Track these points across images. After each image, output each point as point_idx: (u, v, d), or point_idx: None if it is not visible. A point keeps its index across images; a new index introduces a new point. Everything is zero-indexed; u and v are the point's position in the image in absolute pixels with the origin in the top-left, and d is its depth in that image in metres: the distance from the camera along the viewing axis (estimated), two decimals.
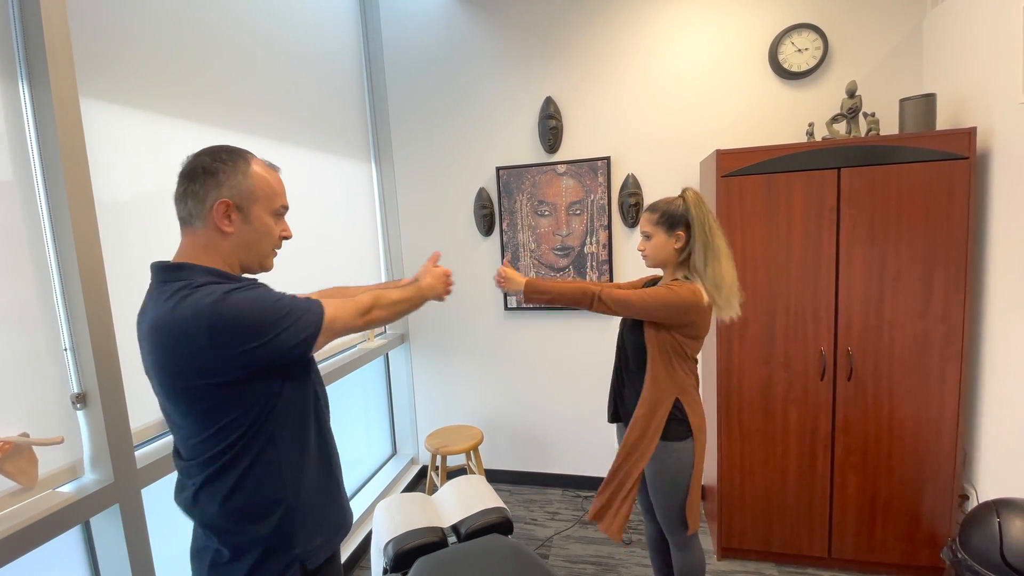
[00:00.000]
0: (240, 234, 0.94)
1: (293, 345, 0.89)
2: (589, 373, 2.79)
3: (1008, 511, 1.50)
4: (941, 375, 1.99)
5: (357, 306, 1.01)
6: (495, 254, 2.83)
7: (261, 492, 0.93)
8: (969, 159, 1.87)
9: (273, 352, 0.87)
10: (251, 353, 0.85)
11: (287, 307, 0.90)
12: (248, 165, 0.94)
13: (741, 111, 2.46)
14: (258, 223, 0.96)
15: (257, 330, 0.85)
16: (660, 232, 1.56)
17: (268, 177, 0.97)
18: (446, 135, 2.82)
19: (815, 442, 2.14)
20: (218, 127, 1.78)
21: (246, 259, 0.97)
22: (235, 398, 0.88)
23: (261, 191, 0.95)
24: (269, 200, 0.97)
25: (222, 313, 0.83)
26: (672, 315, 1.50)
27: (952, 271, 1.93)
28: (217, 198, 0.91)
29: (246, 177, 0.93)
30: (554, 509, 2.75)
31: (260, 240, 0.97)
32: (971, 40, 1.95)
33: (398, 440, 3.17)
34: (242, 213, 0.93)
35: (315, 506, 1.00)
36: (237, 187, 0.92)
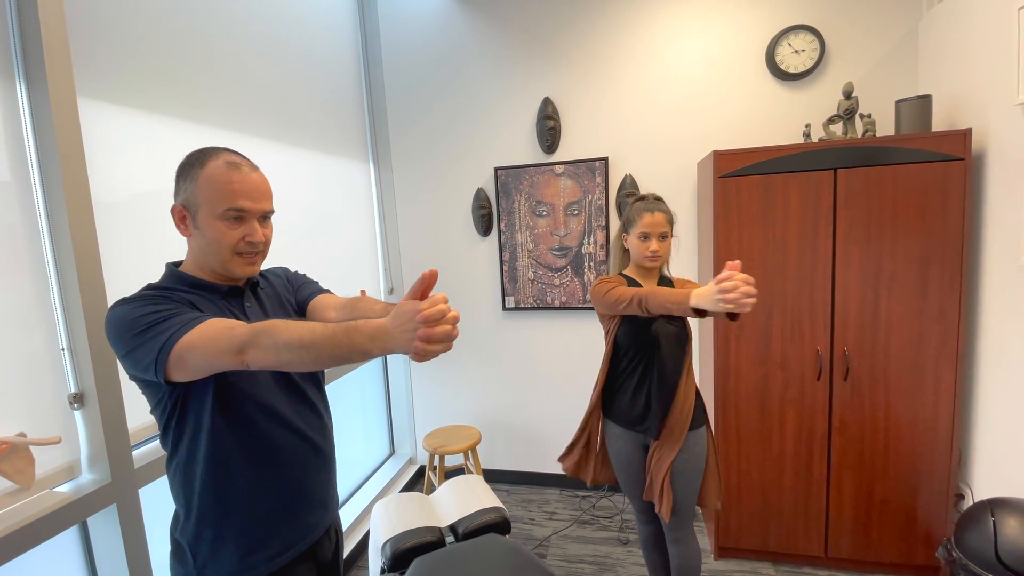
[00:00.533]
0: (196, 239, 0.96)
1: (143, 368, 0.84)
2: (587, 373, 2.80)
3: (1002, 510, 1.51)
4: (936, 375, 2.00)
5: (230, 341, 0.79)
6: (493, 254, 2.83)
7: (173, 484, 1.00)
8: (964, 160, 1.88)
9: (133, 365, 0.87)
10: (123, 362, 0.88)
11: (143, 326, 0.84)
12: (201, 168, 0.92)
13: (738, 112, 2.46)
14: (205, 228, 0.93)
15: (117, 344, 0.87)
16: (671, 232, 1.65)
17: (214, 180, 0.90)
18: (444, 135, 2.82)
19: (812, 442, 2.14)
20: (216, 127, 1.78)
21: (206, 263, 0.97)
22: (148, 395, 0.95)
23: (203, 195, 0.91)
24: (212, 204, 0.91)
25: (107, 320, 0.88)
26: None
27: (947, 272, 1.94)
28: (174, 202, 0.95)
29: (193, 181, 0.92)
30: (552, 509, 2.75)
31: (211, 246, 0.94)
32: (966, 42, 1.96)
33: (396, 440, 3.17)
34: (194, 219, 0.94)
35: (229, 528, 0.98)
36: (187, 192, 0.93)
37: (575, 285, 2.69)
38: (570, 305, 2.72)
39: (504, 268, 2.77)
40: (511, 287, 2.78)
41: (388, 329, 0.73)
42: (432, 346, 0.71)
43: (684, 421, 1.63)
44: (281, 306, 1.11)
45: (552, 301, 2.73)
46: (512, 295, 2.78)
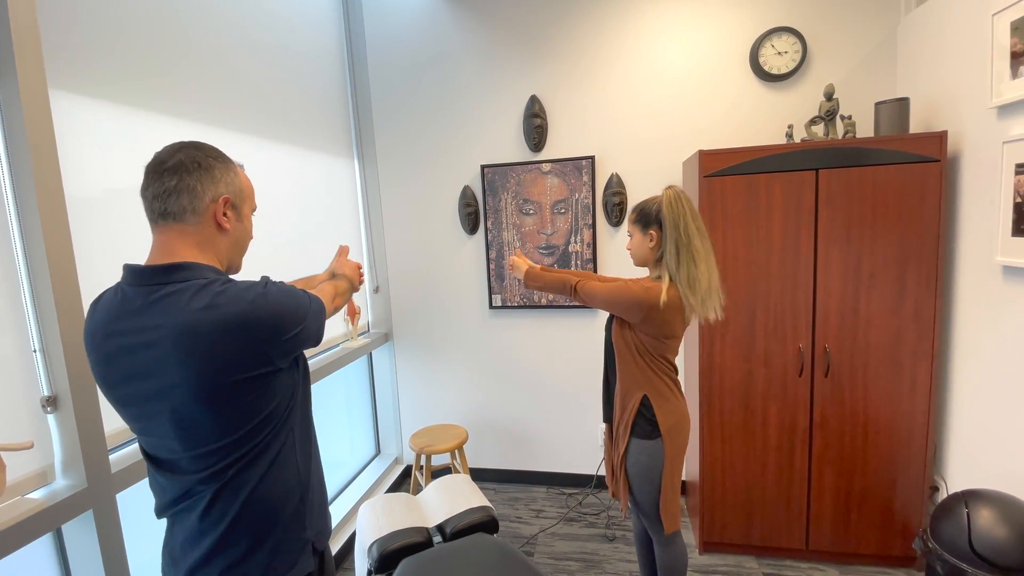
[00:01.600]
0: (234, 232, 0.96)
1: (315, 331, 0.97)
2: (574, 371, 2.81)
3: (976, 502, 1.56)
4: (913, 371, 2.05)
5: (327, 296, 1.11)
6: (480, 253, 2.82)
7: (284, 479, 0.96)
8: (940, 162, 1.93)
9: (303, 341, 0.94)
10: (290, 342, 0.91)
11: (307, 298, 0.97)
12: (234, 164, 0.97)
13: (723, 112, 2.49)
14: (247, 222, 1.00)
15: (294, 320, 0.91)
16: (636, 231, 1.58)
17: (246, 177, 1.01)
18: (430, 132, 2.80)
19: (793, 437, 2.18)
20: (196, 122, 1.73)
21: (235, 257, 0.99)
22: (274, 388, 0.91)
23: (248, 191, 0.99)
24: (251, 200, 1.01)
25: (268, 306, 0.87)
26: (622, 310, 1.53)
27: (924, 271, 1.99)
28: (217, 194, 0.90)
29: (237, 176, 0.96)
30: (539, 507, 2.75)
31: (245, 239, 1.00)
32: (942, 46, 2.01)
33: (382, 440, 3.14)
34: (236, 211, 0.96)
35: (318, 491, 1.05)
36: (232, 184, 0.94)
37: None
38: (557, 304, 2.72)
39: (491, 266, 2.76)
40: (498, 285, 2.77)
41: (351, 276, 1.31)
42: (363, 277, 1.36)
43: (624, 423, 1.61)
44: None
45: (539, 300, 2.73)
46: (499, 293, 2.77)
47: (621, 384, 1.62)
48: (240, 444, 0.88)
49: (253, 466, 0.91)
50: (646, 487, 1.61)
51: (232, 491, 0.89)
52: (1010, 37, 1.62)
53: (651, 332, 1.53)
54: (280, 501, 0.95)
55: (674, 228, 1.48)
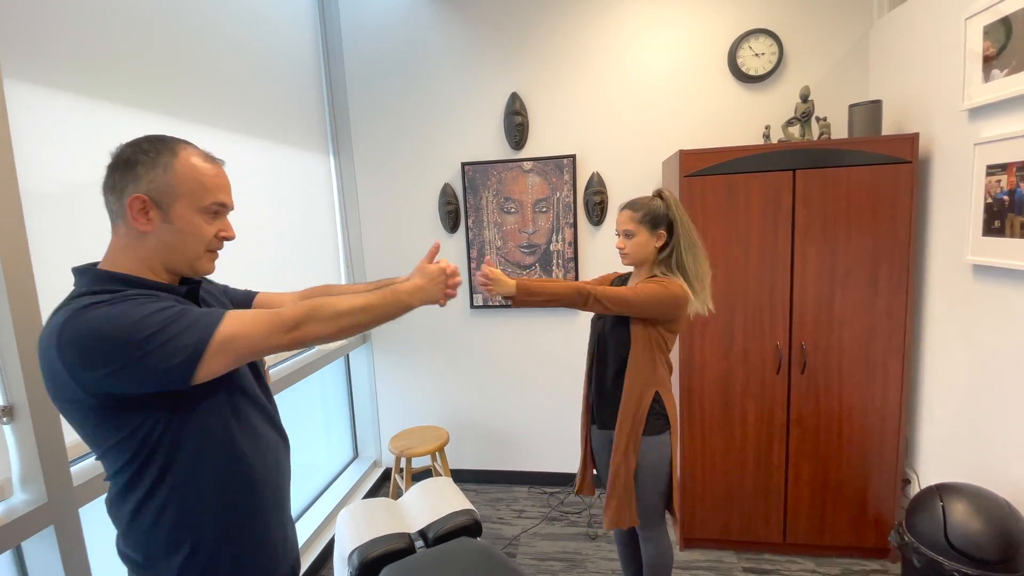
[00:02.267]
0: (160, 234, 0.85)
1: (164, 370, 0.76)
2: (555, 370, 2.80)
3: (950, 495, 1.60)
4: (885, 367, 2.10)
5: (279, 320, 0.84)
6: (461, 251, 2.78)
7: (157, 532, 0.85)
8: (912, 163, 1.98)
9: (137, 379, 0.76)
10: (108, 380, 0.75)
11: (160, 324, 0.76)
12: (172, 157, 0.85)
13: (702, 112, 2.51)
14: (181, 222, 0.86)
15: (111, 352, 0.73)
16: (643, 230, 1.59)
17: (198, 171, 0.87)
18: (409, 129, 2.74)
19: (771, 433, 2.22)
20: (161, 113, 1.66)
21: (171, 261, 0.88)
22: (109, 425, 0.80)
23: (184, 186, 0.85)
24: (196, 196, 0.86)
25: (72, 333, 0.74)
26: (665, 310, 1.54)
27: (896, 269, 2.05)
28: (132, 193, 0.82)
29: (167, 170, 0.84)
30: (520, 507, 2.74)
31: (185, 241, 0.87)
32: (914, 50, 2.06)
33: (360, 443, 3.08)
34: (161, 210, 0.84)
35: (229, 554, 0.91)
36: (156, 181, 0.83)
37: None
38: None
39: (472, 265, 2.73)
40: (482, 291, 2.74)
41: (422, 286, 1.03)
42: (455, 291, 1.11)
43: (636, 423, 1.60)
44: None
45: None
46: (479, 293, 2.74)
47: (635, 383, 1.58)
48: (106, 463, 0.85)
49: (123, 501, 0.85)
50: (655, 484, 1.63)
51: (115, 517, 0.88)
52: (982, 41, 1.67)
53: (673, 328, 1.60)
54: (155, 555, 0.86)
55: (684, 228, 1.58)
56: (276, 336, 0.84)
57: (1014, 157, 1.57)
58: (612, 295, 1.51)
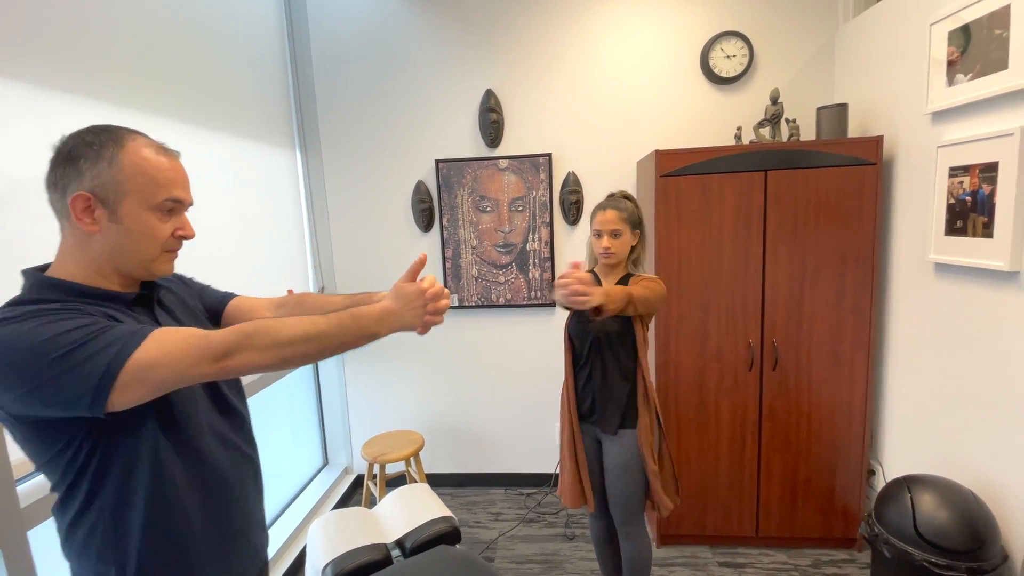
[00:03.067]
0: (108, 235, 0.78)
1: (71, 399, 0.68)
2: (532, 369, 2.77)
3: (918, 487, 1.66)
4: (852, 362, 2.17)
5: (206, 347, 0.74)
6: (435, 251, 2.72)
7: (87, 553, 0.80)
8: (876, 165, 2.04)
9: (45, 403, 0.69)
10: (17, 403, 0.69)
11: (63, 348, 0.67)
12: (119, 149, 0.77)
13: (675, 113, 2.53)
14: (131, 221, 0.78)
15: (15, 376, 0.67)
16: (628, 230, 1.63)
17: (149, 164, 0.79)
18: (380, 124, 2.66)
19: (744, 429, 2.26)
20: (115, 104, 1.54)
21: (122, 264, 0.81)
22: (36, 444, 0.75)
23: (133, 182, 0.77)
24: (147, 193, 0.79)
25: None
26: (660, 306, 1.62)
27: (862, 267, 2.11)
28: (76, 191, 0.75)
29: (112, 164, 0.76)
30: (497, 510, 2.71)
31: (136, 242, 0.79)
32: (879, 54, 2.13)
33: (330, 449, 2.98)
34: (108, 209, 0.77)
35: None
36: (100, 177, 0.76)
37: (520, 282, 2.65)
38: (515, 303, 2.67)
39: (447, 265, 2.67)
40: (454, 284, 2.69)
41: (394, 310, 0.87)
42: (439, 318, 0.91)
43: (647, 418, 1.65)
44: (191, 314, 0.98)
45: (497, 299, 2.68)
46: (455, 293, 2.69)
47: (645, 381, 1.64)
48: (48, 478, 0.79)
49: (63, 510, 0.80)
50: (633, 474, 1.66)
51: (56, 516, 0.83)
52: (947, 46, 1.72)
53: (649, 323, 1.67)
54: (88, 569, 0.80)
55: (645, 228, 1.67)
56: (201, 365, 0.73)
57: (976, 159, 1.64)
58: (640, 297, 1.51)
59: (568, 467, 1.78)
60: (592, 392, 1.72)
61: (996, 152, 1.56)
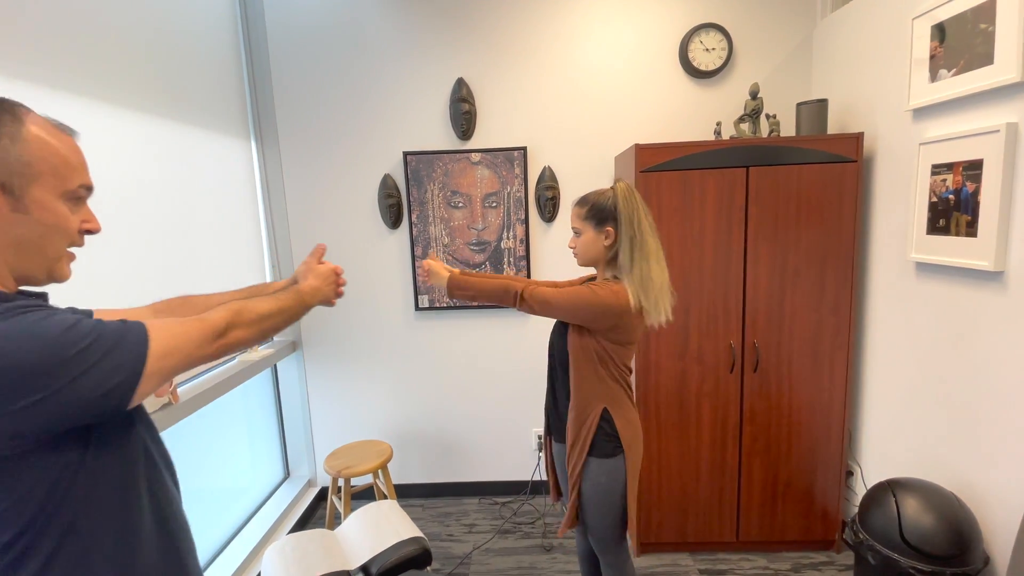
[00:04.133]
0: (10, 228, 0.65)
1: (97, 397, 0.61)
2: (507, 373, 2.66)
3: (903, 492, 1.62)
4: (831, 363, 2.14)
5: (207, 327, 0.74)
6: (404, 249, 2.57)
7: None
8: (857, 162, 2.01)
9: (63, 409, 0.59)
10: (23, 415, 0.57)
11: (84, 339, 0.61)
12: (19, 124, 0.65)
13: (654, 107, 2.45)
14: (40, 211, 0.66)
15: (30, 379, 0.57)
16: (589, 228, 1.45)
17: (55, 143, 0.68)
18: (343, 113, 2.48)
19: (725, 433, 2.20)
20: (39, 84, 1.33)
21: (23, 265, 0.68)
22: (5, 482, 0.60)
23: (44, 163, 0.66)
24: (60, 177, 0.68)
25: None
26: (591, 317, 1.39)
27: (842, 266, 2.08)
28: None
29: (15, 141, 0.64)
30: (471, 521, 2.58)
31: (44, 236, 0.67)
32: (859, 50, 2.09)
33: (291, 461, 2.79)
34: (11, 197, 0.64)
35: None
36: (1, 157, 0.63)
37: None
38: (490, 304, 2.54)
39: (417, 264, 2.52)
40: (425, 285, 2.54)
41: (318, 286, 1.04)
42: (341, 291, 1.13)
43: (582, 442, 1.47)
44: None
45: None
46: (426, 294, 2.55)
47: (578, 398, 1.46)
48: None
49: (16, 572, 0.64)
50: (605, 509, 1.48)
51: None
52: (930, 41, 1.69)
53: (617, 339, 1.42)
54: None
55: (628, 224, 1.39)
56: (204, 346, 0.73)
57: (960, 157, 1.60)
58: (537, 296, 1.39)
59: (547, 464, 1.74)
60: (548, 402, 1.63)
61: (981, 149, 1.53)
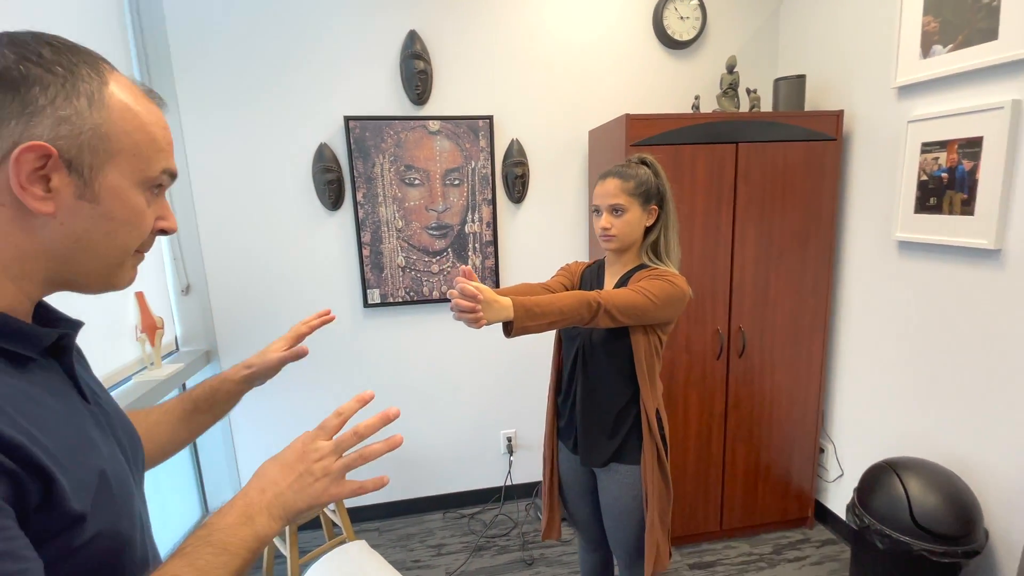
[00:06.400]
0: (70, 220, 0.46)
1: None
2: (472, 371, 2.37)
3: (906, 472, 1.60)
4: (809, 343, 2.13)
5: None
6: (348, 234, 2.15)
7: None
8: (837, 140, 1.98)
9: None
10: None
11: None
12: (102, 84, 0.47)
13: (629, 79, 2.26)
14: (112, 201, 0.48)
15: None
16: (636, 206, 1.25)
17: (144, 115, 0.50)
18: (263, 66, 1.99)
19: (711, 421, 2.12)
20: None
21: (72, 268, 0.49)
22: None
23: (126, 139, 0.48)
24: (142, 158, 0.50)
25: None
26: (676, 310, 1.24)
27: (822, 247, 2.06)
28: (27, 139, 0.43)
29: (94, 107, 0.46)
30: (438, 541, 2.29)
31: (110, 234, 0.49)
32: (834, 26, 2.05)
33: (210, 497, 2.28)
34: (79, 179, 0.46)
35: None
36: (73, 123, 0.45)
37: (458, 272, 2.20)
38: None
39: (365, 252, 2.13)
40: (375, 277, 2.16)
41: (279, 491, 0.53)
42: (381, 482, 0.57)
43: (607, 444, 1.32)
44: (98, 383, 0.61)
45: (430, 292, 2.21)
46: (377, 287, 2.16)
47: (647, 407, 1.27)
48: None
49: None
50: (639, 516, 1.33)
51: None
52: (923, 15, 1.65)
53: (667, 330, 1.30)
54: None
55: (671, 203, 1.29)
56: None
57: (955, 135, 1.59)
58: (622, 304, 1.15)
59: (545, 488, 1.51)
60: (570, 412, 1.40)
61: (980, 127, 1.52)
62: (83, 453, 0.47)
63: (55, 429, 0.45)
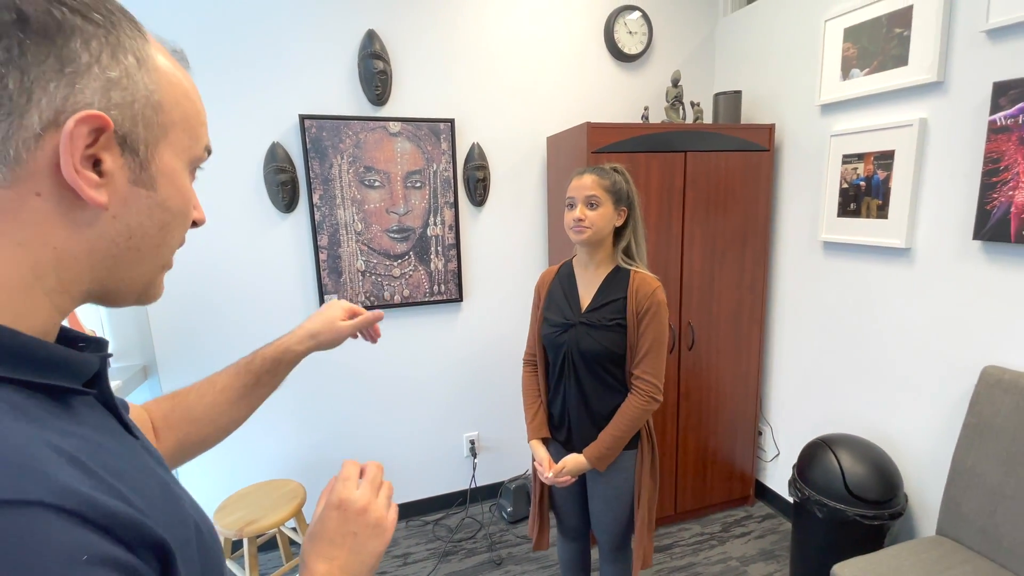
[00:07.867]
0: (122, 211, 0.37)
1: None
2: (434, 375, 2.35)
3: (838, 447, 1.80)
4: (749, 336, 2.33)
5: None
6: (303, 238, 2.06)
7: None
8: (769, 151, 2.18)
9: None
10: None
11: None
12: (145, 43, 0.38)
13: (582, 89, 2.35)
14: (168, 187, 0.40)
15: None
16: (609, 202, 1.33)
17: (184, 82, 0.42)
18: (210, 56, 1.86)
19: (665, 413, 2.25)
20: None
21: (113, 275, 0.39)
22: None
23: (177, 110, 0.40)
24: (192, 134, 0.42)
25: None
26: None
27: (758, 247, 2.26)
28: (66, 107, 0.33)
29: (144, 67, 0.38)
30: (403, 551, 2.24)
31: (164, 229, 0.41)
32: (766, 48, 2.26)
33: None
34: (134, 159, 0.37)
35: None
36: (125, 87, 0.36)
37: (420, 275, 2.18)
38: (415, 300, 2.20)
39: (322, 256, 2.05)
40: (333, 282, 2.08)
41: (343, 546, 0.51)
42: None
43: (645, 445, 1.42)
44: None
45: (391, 297, 2.16)
46: (335, 292, 2.09)
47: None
48: None
49: None
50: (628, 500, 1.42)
51: None
52: (843, 42, 1.87)
53: None
54: None
55: (638, 210, 1.41)
56: None
57: (872, 148, 1.81)
58: (659, 369, 1.34)
59: (535, 500, 1.55)
60: (560, 410, 1.45)
61: (893, 141, 1.75)
62: (172, 506, 0.38)
63: (141, 484, 0.36)
